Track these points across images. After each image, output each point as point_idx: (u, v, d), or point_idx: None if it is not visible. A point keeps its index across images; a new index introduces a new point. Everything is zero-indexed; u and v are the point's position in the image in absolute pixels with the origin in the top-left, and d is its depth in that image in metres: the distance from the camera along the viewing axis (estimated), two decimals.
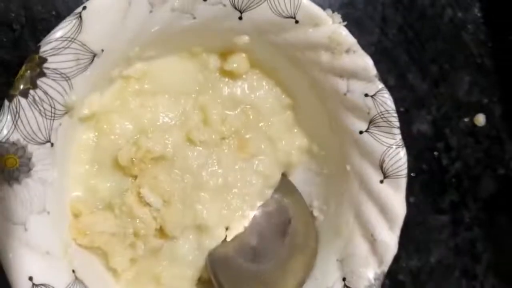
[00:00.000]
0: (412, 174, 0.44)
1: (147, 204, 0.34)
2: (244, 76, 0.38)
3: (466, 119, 0.45)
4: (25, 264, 0.29)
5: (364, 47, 0.34)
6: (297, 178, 0.40)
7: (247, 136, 0.38)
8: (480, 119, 0.45)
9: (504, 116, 0.45)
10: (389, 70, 0.44)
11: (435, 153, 0.44)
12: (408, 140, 0.43)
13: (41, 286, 0.29)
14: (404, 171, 0.34)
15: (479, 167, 0.45)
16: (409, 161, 0.43)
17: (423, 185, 0.44)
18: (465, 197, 0.45)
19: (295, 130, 0.39)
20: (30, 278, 0.29)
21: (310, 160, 0.39)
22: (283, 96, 0.39)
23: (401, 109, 0.44)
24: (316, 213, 0.39)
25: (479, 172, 0.45)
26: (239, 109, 0.38)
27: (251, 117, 0.38)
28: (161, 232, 0.36)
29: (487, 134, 0.45)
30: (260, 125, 0.38)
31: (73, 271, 0.31)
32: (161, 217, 0.35)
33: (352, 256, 0.34)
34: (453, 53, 0.45)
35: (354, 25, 0.42)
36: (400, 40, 0.44)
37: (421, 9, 0.45)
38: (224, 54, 0.37)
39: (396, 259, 0.43)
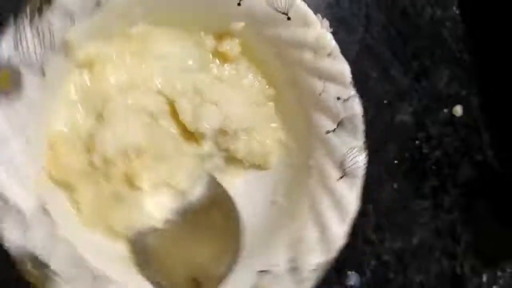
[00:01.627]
0: (395, 162, 0.47)
1: (124, 152, 0.36)
2: (233, 63, 0.40)
3: (445, 110, 0.48)
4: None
5: (349, 44, 0.37)
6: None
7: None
8: (458, 110, 0.48)
9: (481, 107, 0.49)
10: (373, 66, 0.47)
11: (417, 142, 0.48)
12: (391, 130, 0.47)
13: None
14: (361, 173, 0.37)
15: (457, 154, 0.48)
16: (392, 149, 0.47)
17: (406, 172, 0.47)
18: (445, 183, 0.48)
19: (274, 123, 0.42)
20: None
21: (283, 151, 0.42)
22: (267, 87, 0.41)
23: (385, 102, 0.47)
24: (275, 199, 0.40)
25: (458, 160, 0.48)
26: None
27: None
28: (129, 181, 0.37)
29: (465, 124, 0.49)
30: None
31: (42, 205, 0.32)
32: (133, 166, 0.36)
33: (302, 241, 0.36)
34: (433, 48, 0.48)
35: (339, 24, 0.46)
36: (383, 38, 0.47)
37: (403, 8, 0.48)
38: (219, 37, 0.39)
39: (381, 240, 0.47)
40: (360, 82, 0.46)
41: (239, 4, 0.36)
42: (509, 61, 0.48)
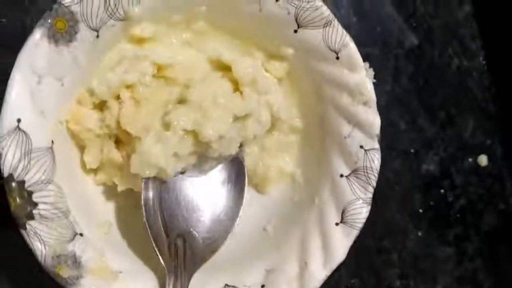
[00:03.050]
0: (420, 210, 0.48)
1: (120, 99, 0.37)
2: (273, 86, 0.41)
3: (470, 159, 0.49)
4: (21, 106, 0.32)
5: (379, 94, 0.38)
6: (271, 194, 0.43)
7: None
8: (483, 159, 0.49)
9: (505, 157, 0.49)
10: (401, 115, 0.48)
11: (442, 190, 0.49)
12: (417, 178, 0.48)
13: (22, 132, 0.32)
14: (360, 225, 0.37)
15: (481, 203, 0.49)
16: (417, 198, 0.48)
17: (430, 220, 0.48)
18: (469, 231, 0.49)
19: (287, 155, 0.43)
20: (19, 120, 0.32)
21: (288, 184, 0.42)
22: (296, 119, 0.42)
23: (411, 151, 0.48)
24: (266, 227, 0.41)
25: (482, 208, 0.49)
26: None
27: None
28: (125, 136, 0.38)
29: (489, 173, 0.49)
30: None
31: (52, 142, 0.34)
32: (122, 110, 0.37)
33: (280, 271, 0.37)
34: (459, 98, 0.49)
35: None
36: (411, 88, 0.48)
37: (430, 59, 0.49)
38: (270, 56, 0.40)
39: (405, 287, 0.47)
40: (388, 131, 0.48)
41: (295, 31, 0.37)
42: None
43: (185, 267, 0.35)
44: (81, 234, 0.34)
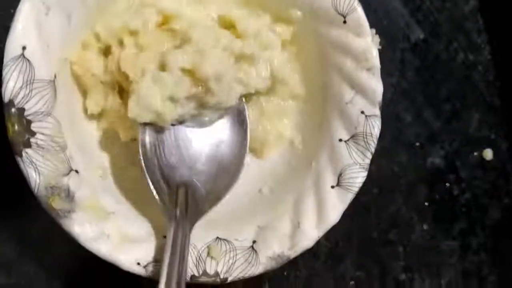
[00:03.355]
0: (425, 204, 0.48)
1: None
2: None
3: (475, 153, 0.49)
4: (28, 34, 0.32)
5: (385, 87, 0.38)
6: (269, 157, 0.42)
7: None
8: (488, 153, 0.49)
9: (510, 151, 0.50)
10: (407, 109, 0.48)
11: (447, 184, 0.49)
12: (423, 172, 0.48)
13: (26, 60, 0.32)
14: (355, 189, 0.37)
15: (486, 197, 0.49)
16: (423, 192, 0.48)
17: (436, 213, 0.48)
18: (474, 225, 0.49)
19: (287, 120, 0.42)
20: (23, 48, 0.31)
21: (286, 148, 0.42)
22: (297, 84, 0.41)
23: (417, 144, 0.48)
24: (261, 189, 0.41)
25: (486, 202, 0.49)
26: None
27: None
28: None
29: (494, 167, 0.49)
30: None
31: (55, 76, 0.34)
32: (123, 54, 0.36)
33: (273, 229, 0.37)
34: (464, 92, 0.49)
35: None
36: (417, 82, 0.48)
37: (436, 53, 0.49)
38: (276, 19, 0.40)
39: (410, 280, 0.48)
40: (394, 124, 0.48)
41: None
42: None
43: (187, 217, 0.35)
44: (76, 171, 0.34)
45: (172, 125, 0.37)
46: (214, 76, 0.35)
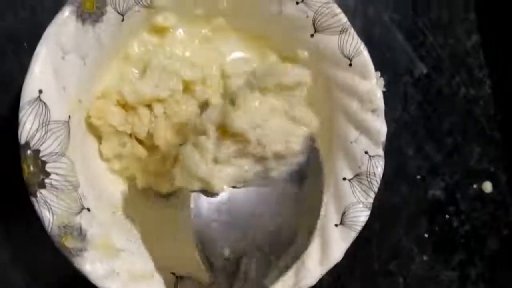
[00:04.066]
0: (426, 235, 0.49)
1: (152, 112, 0.38)
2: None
3: (475, 186, 0.50)
4: (45, 78, 0.32)
5: (388, 122, 0.39)
6: None
7: None
8: (488, 186, 0.50)
9: (509, 184, 0.51)
10: (409, 143, 0.49)
11: (447, 216, 0.50)
12: (424, 204, 0.49)
13: (42, 103, 0.32)
14: (358, 228, 0.38)
15: (485, 229, 0.50)
16: (423, 223, 0.49)
17: (435, 244, 0.49)
18: (473, 256, 0.50)
19: None
20: (40, 91, 0.32)
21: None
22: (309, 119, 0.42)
23: (418, 177, 0.49)
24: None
25: (485, 233, 0.50)
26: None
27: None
28: (150, 140, 0.39)
29: (493, 200, 0.50)
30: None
31: (69, 117, 0.34)
32: (156, 125, 0.38)
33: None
34: (466, 126, 0.50)
35: None
36: (419, 116, 0.49)
37: (439, 88, 0.50)
38: (283, 59, 0.41)
39: None
40: (396, 158, 0.49)
41: (312, 36, 0.39)
42: None
43: None
44: (88, 209, 0.35)
45: (234, 187, 0.34)
46: (248, 126, 0.33)
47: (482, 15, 0.51)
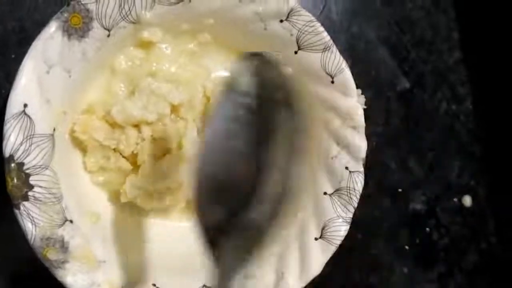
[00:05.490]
0: (406, 248, 0.50)
1: (140, 133, 0.39)
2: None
3: (455, 200, 0.51)
4: (29, 92, 0.33)
5: (371, 136, 0.40)
6: None
7: None
8: (467, 200, 0.51)
9: (488, 198, 0.52)
10: (392, 156, 0.50)
11: (427, 229, 0.50)
12: (404, 217, 0.50)
13: (27, 117, 0.33)
14: (338, 242, 0.39)
15: (464, 242, 0.51)
16: (404, 235, 0.50)
17: (416, 257, 0.50)
18: (452, 268, 0.51)
19: None
20: (25, 105, 0.33)
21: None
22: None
23: (400, 190, 0.50)
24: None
25: (465, 247, 0.51)
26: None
27: None
28: (134, 159, 0.39)
29: (473, 213, 0.51)
30: None
31: (54, 129, 0.35)
32: (142, 146, 0.38)
33: (257, 279, 0.38)
34: (446, 141, 0.51)
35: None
36: (401, 130, 0.50)
37: (421, 103, 0.51)
38: None
39: None
40: (378, 171, 0.49)
41: (295, 53, 0.39)
42: None
43: None
44: (71, 221, 0.35)
45: None
46: None
47: (465, 33, 0.52)
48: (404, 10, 0.51)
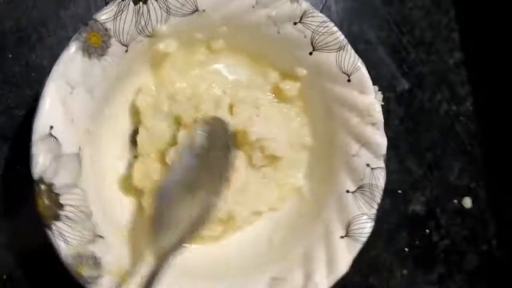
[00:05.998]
0: (406, 249, 0.50)
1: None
2: (287, 103, 0.43)
3: (455, 201, 0.51)
4: (54, 114, 0.33)
5: None
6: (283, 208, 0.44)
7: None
8: (467, 202, 0.51)
9: (488, 199, 0.51)
10: (391, 157, 0.49)
11: (427, 230, 0.50)
12: (404, 218, 0.50)
13: (53, 138, 0.33)
14: (363, 239, 0.39)
15: (464, 243, 0.51)
16: (404, 237, 0.50)
17: (415, 259, 0.50)
18: (452, 270, 0.51)
19: (298, 172, 0.44)
20: (51, 127, 0.33)
21: (296, 199, 0.44)
22: (307, 137, 0.44)
23: (399, 191, 0.50)
24: (272, 237, 0.42)
25: (465, 248, 0.51)
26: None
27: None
28: None
29: (473, 215, 0.51)
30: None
31: (79, 148, 0.35)
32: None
33: (285, 281, 0.38)
34: (446, 142, 0.51)
35: None
36: (401, 131, 0.50)
37: (420, 104, 0.51)
38: (283, 76, 0.42)
39: None
40: None
41: (310, 54, 0.39)
42: None
43: None
44: (101, 236, 0.35)
45: None
46: None
47: (465, 33, 0.51)
48: (404, 10, 0.51)
